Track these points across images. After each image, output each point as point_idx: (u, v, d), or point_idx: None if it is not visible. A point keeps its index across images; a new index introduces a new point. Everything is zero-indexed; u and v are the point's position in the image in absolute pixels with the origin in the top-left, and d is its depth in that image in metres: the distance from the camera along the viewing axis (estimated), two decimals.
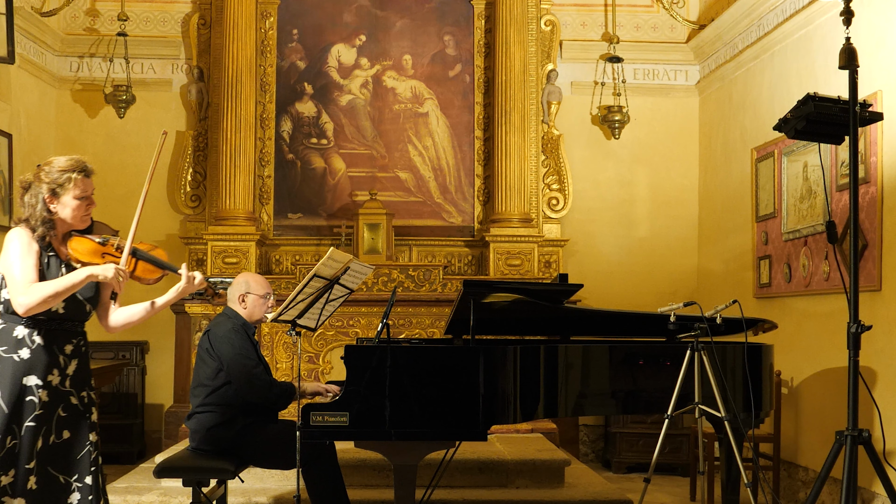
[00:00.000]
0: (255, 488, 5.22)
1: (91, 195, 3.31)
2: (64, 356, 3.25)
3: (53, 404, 3.19)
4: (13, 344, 3.18)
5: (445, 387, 3.85)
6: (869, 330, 3.33)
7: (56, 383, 3.21)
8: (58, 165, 3.26)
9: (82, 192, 3.26)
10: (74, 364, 3.28)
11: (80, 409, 3.27)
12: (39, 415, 3.15)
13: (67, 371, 3.25)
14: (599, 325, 4.84)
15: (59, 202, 3.25)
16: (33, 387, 3.16)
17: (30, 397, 3.15)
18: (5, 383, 3.14)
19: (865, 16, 5.08)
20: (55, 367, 3.21)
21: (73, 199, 3.25)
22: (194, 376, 4.43)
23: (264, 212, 7.64)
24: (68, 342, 3.27)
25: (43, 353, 3.19)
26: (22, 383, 3.15)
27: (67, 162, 3.27)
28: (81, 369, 3.31)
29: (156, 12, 7.87)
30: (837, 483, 5.18)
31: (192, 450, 4.34)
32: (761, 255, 6.57)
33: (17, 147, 6.94)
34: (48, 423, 3.17)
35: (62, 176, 3.24)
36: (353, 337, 6.68)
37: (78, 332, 3.32)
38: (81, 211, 3.28)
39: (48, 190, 3.24)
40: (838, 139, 3.55)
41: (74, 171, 3.25)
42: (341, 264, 3.88)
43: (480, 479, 5.43)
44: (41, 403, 3.16)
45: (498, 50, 7.54)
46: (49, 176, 3.24)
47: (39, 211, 3.24)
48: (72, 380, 3.26)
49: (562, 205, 7.75)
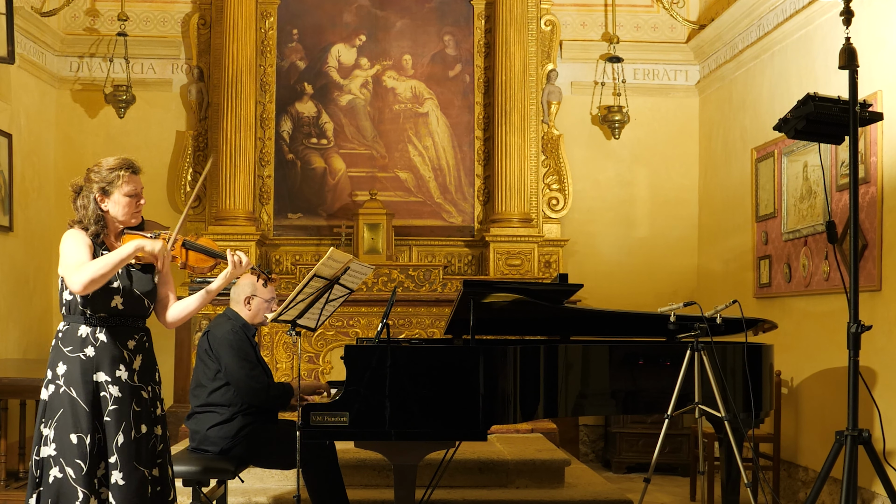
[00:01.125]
0: (255, 488, 5.22)
1: (140, 192, 3.43)
2: (128, 352, 3.35)
3: (127, 399, 3.29)
4: (78, 343, 3.28)
5: (445, 387, 3.86)
6: (869, 330, 3.33)
7: (125, 378, 3.31)
8: (106, 165, 3.38)
9: (131, 189, 3.38)
10: (139, 359, 3.38)
11: (148, 402, 3.38)
12: (114, 410, 3.26)
13: (134, 366, 3.35)
14: (599, 325, 4.84)
15: (109, 200, 3.36)
16: (104, 382, 3.27)
17: (103, 393, 3.27)
18: (77, 382, 3.24)
19: (865, 16, 5.08)
20: (121, 362, 3.31)
21: (122, 196, 3.36)
22: (194, 377, 4.44)
23: (264, 212, 7.64)
24: (130, 338, 3.37)
25: (108, 350, 3.29)
26: (93, 380, 3.26)
27: (115, 161, 3.40)
28: (147, 364, 3.42)
29: (156, 12, 7.87)
30: (837, 483, 5.18)
31: (191, 450, 4.34)
32: (761, 255, 6.57)
33: (17, 147, 6.94)
34: (126, 417, 3.28)
35: (111, 174, 3.35)
36: (353, 337, 6.68)
37: (140, 328, 3.43)
38: (132, 207, 3.40)
39: (98, 189, 3.35)
40: (838, 139, 3.55)
41: (122, 168, 3.37)
42: (341, 264, 3.88)
43: (480, 479, 5.43)
44: (114, 399, 3.26)
45: (498, 50, 7.54)
46: (98, 175, 3.35)
47: (92, 210, 3.35)
48: (139, 374, 3.37)
49: (562, 205, 7.76)
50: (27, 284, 7.05)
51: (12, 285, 6.84)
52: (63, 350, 3.29)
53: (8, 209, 6.80)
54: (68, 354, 3.27)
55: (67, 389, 3.24)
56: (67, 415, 3.22)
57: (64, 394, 3.24)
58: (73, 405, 3.22)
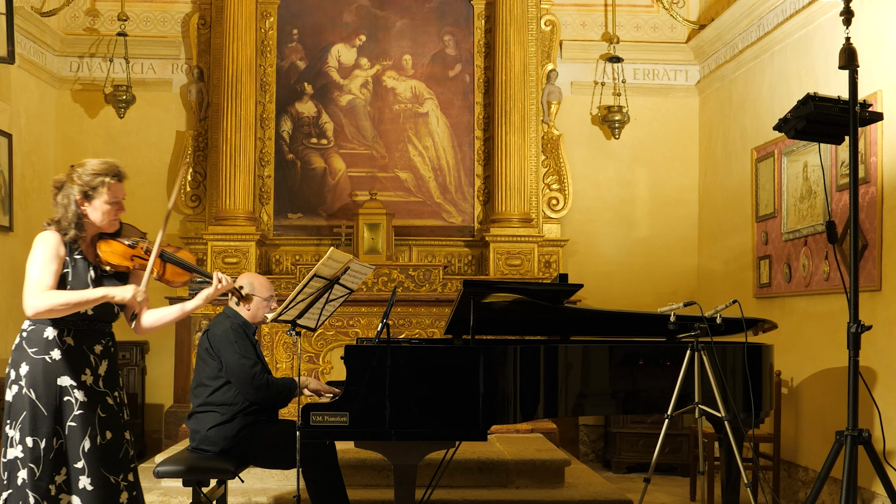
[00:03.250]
0: (255, 488, 5.22)
1: (122, 200, 3.31)
2: (94, 356, 3.27)
3: (92, 404, 3.22)
4: (43, 345, 3.20)
5: (445, 387, 3.85)
6: (869, 330, 3.33)
7: (90, 383, 3.24)
8: (91, 168, 3.25)
9: (114, 196, 3.26)
10: (105, 364, 3.31)
11: (115, 408, 3.31)
12: (79, 415, 3.18)
13: (99, 371, 3.28)
14: (599, 325, 4.84)
15: (90, 205, 3.25)
16: (69, 387, 3.19)
17: (67, 398, 3.18)
18: (39, 385, 3.16)
19: (865, 16, 5.08)
20: (87, 367, 3.24)
21: (104, 204, 3.25)
22: (195, 376, 4.43)
23: (264, 212, 7.64)
24: (97, 342, 3.30)
25: (74, 354, 3.22)
26: (57, 384, 3.18)
27: (101, 165, 3.27)
28: (112, 369, 3.35)
29: (156, 12, 7.87)
30: (837, 483, 5.18)
31: (192, 450, 4.34)
32: (761, 255, 6.57)
33: (17, 147, 6.94)
34: (91, 423, 3.20)
35: (95, 179, 3.23)
36: (353, 337, 6.68)
37: (106, 333, 3.35)
38: (111, 215, 3.28)
39: (80, 192, 3.23)
40: (838, 139, 3.55)
41: (108, 175, 3.25)
42: (341, 264, 3.88)
43: (480, 479, 5.43)
44: (79, 403, 3.18)
45: (498, 50, 7.54)
46: (82, 178, 3.23)
47: (72, 213, 3.23)
48: (104, 380, 3.29)
49: (562, 205, 7.76)
50: None
51: (12, 285, 6.83)
52: (27, 351, 3.21)
53: (8, 209, 6.80)
54: (32, 356, 3.19)
55: (28, 392, 3.16)
56: (27, 418, 3.14)
57: (25, 396, 3.16)
58: (32, 408, 3.15)
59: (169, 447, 6.41)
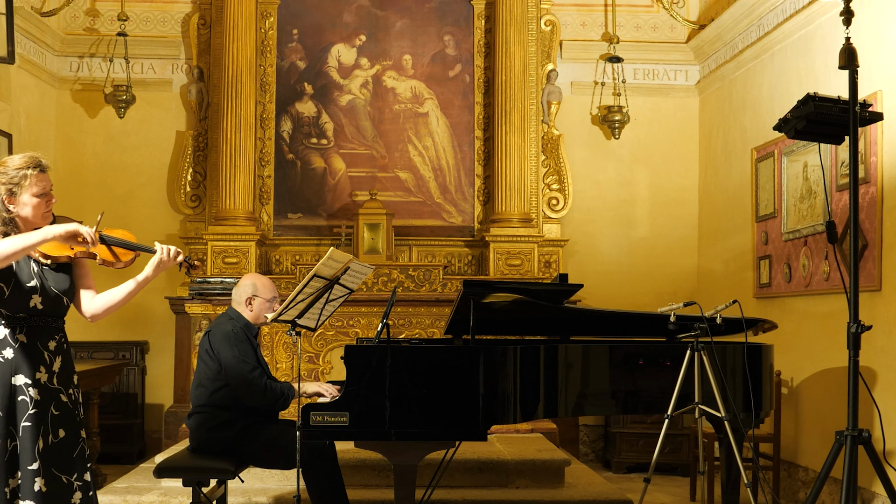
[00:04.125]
0: (255, 488, 5.22)
1: (50, 191, 3.23)
2: (48, 353, 3.21)
3: (46, 402, 3.16)
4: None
5: (445, 387, 3.85)
6: (869, 330, 3.33)
7: (45, 381, 3.17)
8: (12, 164, 3.18)
9: (41, 189, 3.19)
10: (59, 361, 3.25)
11: (69, 406, 3.25)
12: (34, 413, 3.11)
13: (54, 368, 3.22)
14: (599, 325, 4.84)
15: (17, 202, 3.17)
16: (23, 386, 3.12)
17: (21, 397, 3.12)
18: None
19: (865, 16, 5.08)
20: (41, 364, 3.18)
21: (31, 198, 3.17)
22: (195, 377, 4.43)
23: (264, 212, 7.64)
24: (51, 338, 3.23)
25: (28, 352, 3.15)
26: (11, 383, 3.12)
27: (21, 160, 3.19)
28: (66, 366, 3.28)
29: (156, 12, 7.87)
30: (837, 483, 5.18)
31: (192, 450, 4.34)
32: (761, 255, 6.57)
33: (17, 147, 6.94)
34: (44, 422, 3.14)
35: (17, 174, 3.16)
36: (353, 337, 6.68)
37: (59, 328, 3.29)
38: (42, 208, 3.21)
39: (5, 190, 3.16)
40: (838, 139, 3.55)
41: (29, 167, 3.17)
42: (341, 264, 3.88)
43: (480, 479, 5.43)
44: (34, 402, 3.12)
45: (498, 50, 7.54)
46: (4, 176, 3.16)
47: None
48: (58, 377, 3.23)
49: (562, 205, 7.76)
50: None
51: None
52: None
53: None
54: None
55: None
56: None
57: None
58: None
59: (169, 447, 6.41)
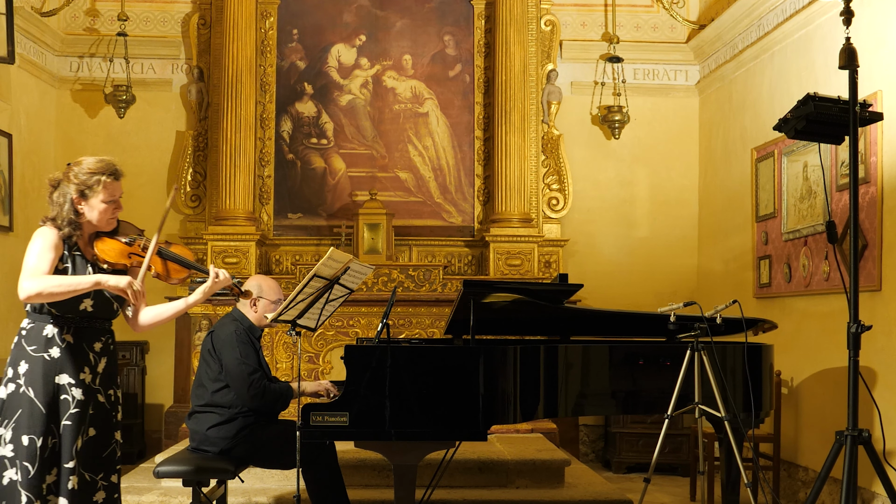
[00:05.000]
0: (255, 488, 5.22)
1: (118, 198, 3.29)
2: (94, 354, 3.26)
3: (87, 402, 3.21)
4: (43, 343, 3.19)
5: (445, 387, 3.85)
6: (869, 330, 3.33)
7: (88, 381, 3.22)
8: (87, 166, 3.23)
9: (110, 195, 3.24)
10: (104, 362, 3.30)
11: (106, 406, 3.29)
12: (75, 413, 3.17)
13: (98, 369, 3.27)
14: (599, 325, 4.84)
15: (86, 204, 3.23)
16: (66, 385, 3.17)
17: (64, 396, 3.17)
18: (37, 382, 3.15)
19: (865, 16, 5.08)
20: (86, 364, 3.23)
21: (100, 203, 3.23)
22: (196, 376, 4.43)
23: (264, 212, 7.64)
24: (97, 340, 3.29)
25: (73, 352, 3.20)
26: (55, 382, 3.16)
27: (97, 164, 3.24)
28: (110, 367, 3.33)
29: (156, 12, 7.87)
30: (837, 483, 5.18)
31: (192, 450, 4.34)
32: (761, 255, 6.57)
33: (17, 147, 6.94)
34: (84, 421, 3.19)
35: (91, 178, 3.21)
36: (353, 337, 6.68)
37: (106, 330, 3.34)
38: (108, 214, 3.27)
39: (76, 191, 3.21)
40: (838, 139, 3.55)
41: (104, 173, 3.23)
42: (341, 264, 3.88)
43: (480, 479, 5.43)
44: (76, 402, 3.17)
45: (498, 50, 7.54)
46: (78, 177, 3.21)
47: (66, 211, 3.21)
48: (101, 378, 3.28)
49: (562, 205, 7.76)
50: None
51: (12, 285, 6.80)
52: (27, 349, 3.19)
53: (8, 209, 6.80)
54: (32, 354, 3.18)
55: (27, 390, 3.14)
56: (24, 415, 3.12)
57: (23, 394, 3.14)
58: (30, 406, 3.12)
59: (169, 447, 6.41)
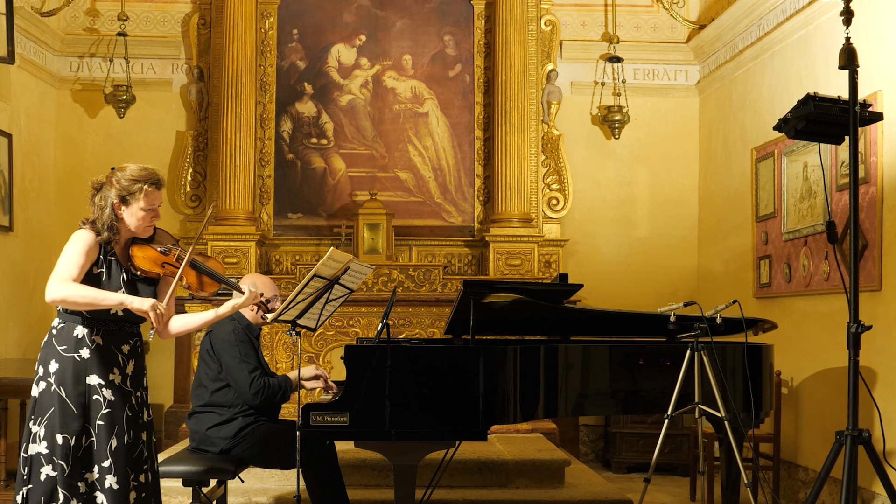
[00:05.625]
0: (255, 488, 5.22)
1: (157, 207, 3.35)
2: (122, 356, 3.33)
3: (120, 403, 3.28)
4: (73, 343, 3.25)
5: (445, 387, 3.85)
6: (869, 330, 3.33)
7: (118, 382, 3.29)
8: (130, 173, 3.30)
9: (150, 203, 3.31)
10: (132, 364, 3.37)
11: (136, 408, 3.36)
12: (107, 413, 3.23)
13: (127, 371, 3.34)
14: (599, 325, 4.84)
15: (126, 210, 3.29)
16: (97, 386, 3.24)
17: (95, 396, 3.23)
18: (68, 382, 3.22)
19: (865, 16, 5.08)
20: (115, 366, 3.29)
21: (140, 210, 3.30)
22: (196, 377, 4.44)
23: (264, 212, 7.64)
24: (125, 342, 3.35)
25: (103, 353, 3.27)
26: (86, 382, 3.23)
27: (140, 171, 3.31)
28: (138, 369, 3.41)
29: (156, 12, 7.87)
30: (837, 483, 5.18)
31: (192, 450, 4.34)
32: (761, 255, 6.57)
33: (17, 147, 6.94)
34: (119, 422, 3.26)
35: (133, 185, 3.28)
36: (353, 337, 6.68)
37: (135, 333, 3.40)
38: (146, 222, 3.34)
39: (117, 196, 3.28)
40: (838, 139, 3.56)
41: (147, 182, 3.29)
42: (341, 264, 3.88)
43: (480, 479, 5.43)
44: (107, 402, 3.24)
45: (498, 50, 7.54)
46: (120, 182, 3.28)
47: (108, 215, 3.28)
48: (131, 379, 3.35)
49: (562, 205, 7.76)
50: (27, 284, 7.04)
51: (12, 285, 6.83)
52: (57, 348, 3.25)
53: (8, 209, 6.80)
54: (62, 353, 3.24)
55: (58, 389, 3.21)
56: (56, 414, 3.20)
57: (54, 392, 3.21)
58: (62, 405, 3.20)
59: (169, 447, 6.41)
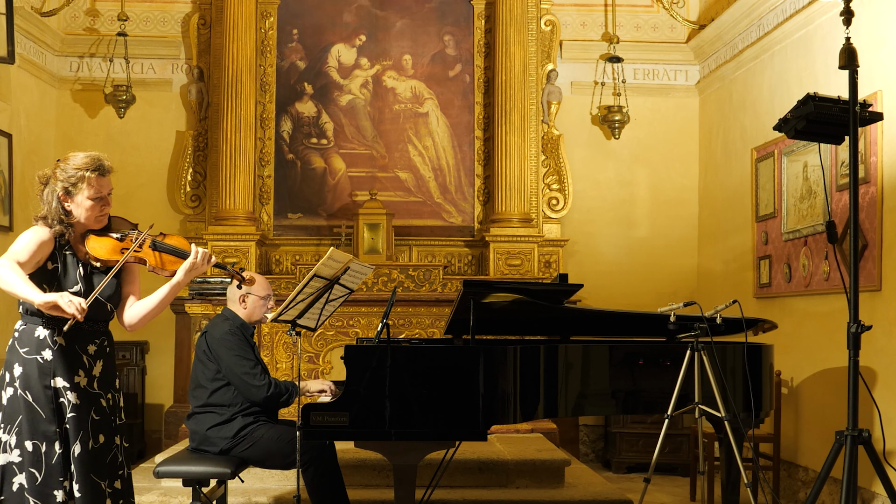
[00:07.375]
0: (255, 488, 5.22)
1: (106, 195, 3.18)
2: (88, 357, 3.16)
3: (86, 407, 3.11)
4: (35, 345, 3.09)
5: (445, 387, 3.85)
6: (869, 330, 3.33)
7: (84, 385, 3.12)
8: (73, 163, 3.12)
9: (96, 192, 3.13)
10: (100, 365, 3.20)
11: (107, 411, 3.20)
12: (72, 418, 3.07)
13: (94, 372, 3.17)
14: (599, 325, 4.84)
15: (73, 201, 3.13)
16: (62, 388, 3.08)
17: (61, 399, 3.08)
18: (34, 386, 3.06)
19: (865, 16, 5.08)
20: (80, 367, 3.13)
21: (86, 200, 3.12)
22: (193, 377, 4.43)
23: (264, 212, 7.64)
24: (90, 342, 3.19)
25: (66, 354, 3.10)
26: (52, 385, 3.07)
27: (83, 160, 3.13)
28: (107, 370, 3.23)
29: (156, 12, 7.87)
30: (837, 483, 5.18)
31: (192, 450, 4.34)
32: (761, 255, 6.57)
33: (17, 147, 6.94)
34: (84, 426, 3.09)
35: (76, 174, 3.10)
36: (353, 337, 6.68)
37: (101, 332, 3.24)
38: (96, 211, 3.16)
39: (62, 188, 3.11)
40: (838, 139, 3.55)
41: (88, 169, 3.11)
42: (341, 264, 3.88)
43: (480, 479, 5.43)
44: (72, 406, 3.07)
45: (498, 50, 7.54)
46: (64, 173, 3.11)
47: (55, 209, 3.12)
48: (99, 381, 3.18)
49: (562, 205, 7.76)
50: None
51: None
52: (19, 351, 3.09)
53: (8, 209, 6.80)
54: (24, 356, 3.08)
55: (23, 393, 3.05)
56: (24, 420, 3.03)
57: (20, 397, 3.05)
58: (29, 410, 3.04)
59: (169, 447, 6.41)
